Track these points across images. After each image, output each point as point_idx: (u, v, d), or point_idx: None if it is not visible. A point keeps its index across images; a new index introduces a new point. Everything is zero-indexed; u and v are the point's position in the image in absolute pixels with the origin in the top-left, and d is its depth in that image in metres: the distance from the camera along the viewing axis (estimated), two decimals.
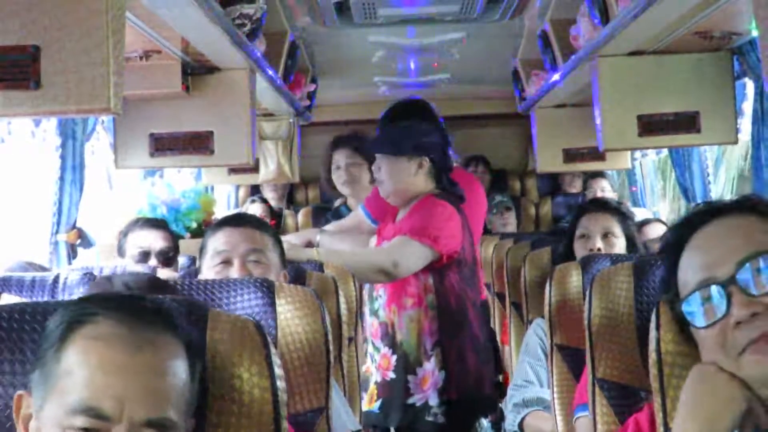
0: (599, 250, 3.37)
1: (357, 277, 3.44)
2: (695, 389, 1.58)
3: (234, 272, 2.61)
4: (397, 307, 3.72)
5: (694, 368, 1.62)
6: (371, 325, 3.82)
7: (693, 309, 1.62)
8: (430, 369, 3.66)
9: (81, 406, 1.41)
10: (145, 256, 3.70)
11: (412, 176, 3.75)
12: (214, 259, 2.66)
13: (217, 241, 2.68)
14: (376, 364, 3.77)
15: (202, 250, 2.74)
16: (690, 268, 1.65)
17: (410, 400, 3.66)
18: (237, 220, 2.76)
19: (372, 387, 3.77)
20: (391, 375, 3.71)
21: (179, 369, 1.50)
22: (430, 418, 3.64)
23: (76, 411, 1.41)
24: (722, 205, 1.68)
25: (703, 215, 1.68)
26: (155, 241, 3.75)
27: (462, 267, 3.75)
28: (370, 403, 3.74)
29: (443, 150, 3.83)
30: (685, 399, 1.60)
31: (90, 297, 1.58)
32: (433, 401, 3.65)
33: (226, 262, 2.65)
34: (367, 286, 3.88)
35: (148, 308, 1.52)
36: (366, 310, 3.91)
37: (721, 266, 1.59)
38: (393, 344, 3.71)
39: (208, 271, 2.66)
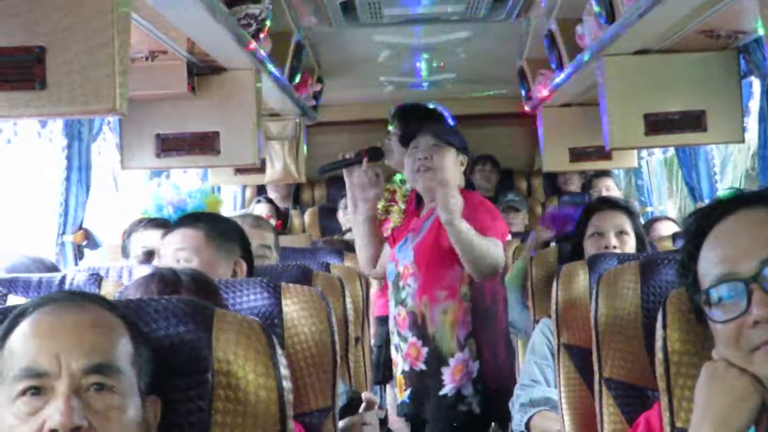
0: (614, 248, 3.37)
1: (468, 254, 3.48)
2: (707, 387, 1.57)
3: None
4: (428, 299, 3.67)
5: (705, 366, 1.61)
6: (398, 314, 3.77)
7: (711, 303, 1.59)
8: (464, 359, 3.65)
9: (20, 372, 1.44)
10: (149, 255, 3.69)
11: (457, 171, 3.80)
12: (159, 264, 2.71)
13: (167, 244, 2.74)
14: (402, 353, 3.74)
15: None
16: (711, 260, 1.61)
17: (442, 391, 3.65)
18: (174, 223, 2.81)
19: (399, 377, 3.76)
20: (422, 366, 3.68)
21: (115, 327, 1.53)
22: (464, 408, 3.63)
23: (17, 378, 1.44)
24: (748, 196, 1.64)
25: (727, 204, 1.63)
26: (159, 240, 3.73)
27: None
28: (401, 393, 3.74)
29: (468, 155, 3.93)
30: (698, 398, 1.58)
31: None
32: (467, 391, 3.64)
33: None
34: (392, 276, 3.83)
35: (76, 294, 1.57)
36: (390, 302, 3.86)
37: (744, 262, 1.55)
38: (423, 336, 3.68)
39: None
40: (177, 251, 2.67)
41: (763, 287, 1.52)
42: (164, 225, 3.80)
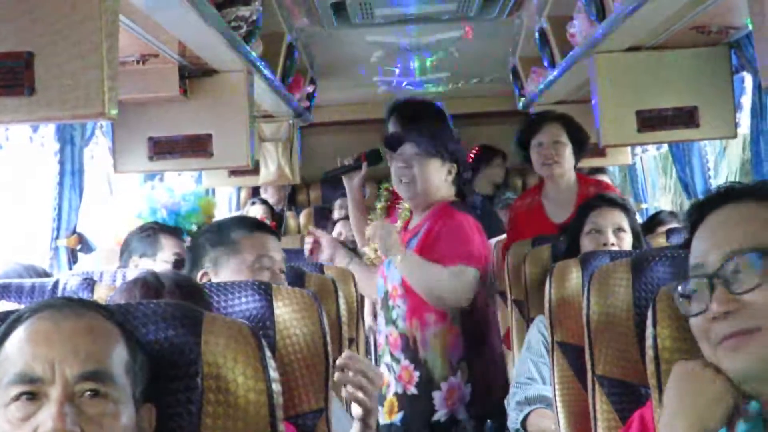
0: (612, 245, 3.37)
1: (416, 288, 3.54)
2: (682, 389, 1.57)
3: (267, 278, 2.59)
4: (419, 322, 3.61)
5: (677, 367, 1.61)
6: (389, 334, 3.70)
7: (685, 296, 1.61)
8: (456, 383, 3.59)
9: (15, 378, 1.45)
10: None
11: (443, 181, 3.72)
12: (256, 262, 2.63)
13: (257, 245, 2.67)
14: (395, 375, 3.66)
15: (224, 241, 2.69)
16: (692, 253, 1.63)
17: (435, 417, 3.59)
18: (269, 229, 2.80)
19: (391, 398, 3.67)
20: (413, 390, 3.62)
21: (111, 335, 1.53)
22: None
23: (11, 382, 1.45)
24: (739, 190, 1.64)
25: (718, 198, 1.64)
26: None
27: (485, 278, 3.70)
28: (390, 414, 3.65)
29: (465, 160, 3.84)
30: (671, 398, 1.58)
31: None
32: (462, 416, 3.59)
33: (264, 268, 2.64)
34: (381, 292, 3.78)
35: (73, 301, 1.57)
36: (380, 318, 3.81)
37: (712, 256, 1.57)
38: (415, 360, 3.62)
39: (244, 268, 2.63)
40: (282, 262, 2.70)
41: (724, 283, 1.53)
42: (172, 232, 3.79)
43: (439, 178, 3.70)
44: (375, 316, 4.55)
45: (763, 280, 1.50)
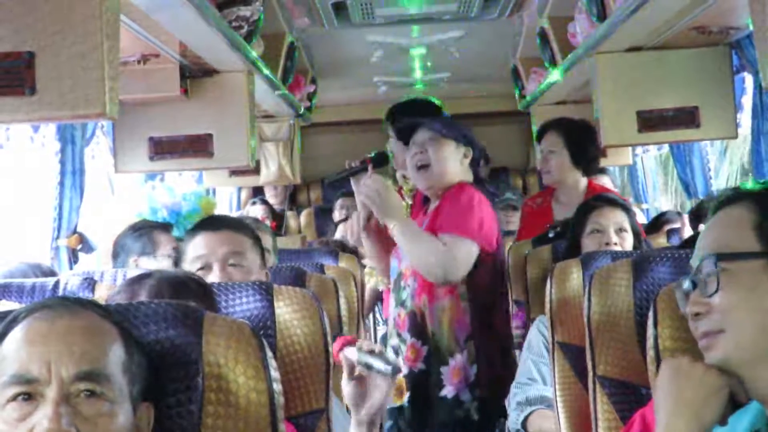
0: (615, 245, 3.37)
1: (409, 257, 3.57)
2: (676, 387, 1.59)
3: (214, 277, 2.53)
4: (428, 297, 3.64)
5: (666, 364, 1.63)
6: (398, 315, 3.74)
7: (683, 295, 1.65)
8: (462, 362, 3.60)
9: (11, 378, 1.45)
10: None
11: (458, 164, 3.73)
12: (193, 264, 2.59)
13: (195, 246, 2.62)
14: (402, 356, 3.68)
15: (181, 256, 2.67)
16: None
17: (441, 393, 3.60)
18: (214, 224, 2.70)
19: (399, 380, 3.58)
20: (421, 366, 3.64)
21: (107, 334, 1.53)
22: (461, 413, 3.59)
23: (7, 383, 1.45)
24: (740, 194, 1.66)
25: (718, 202, 1.67)
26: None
27: (494, 259, 3.71)
28: (399, 397, 3.67)
29: (478, 144, 3.87)
30: (665, 398, 1.59)
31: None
32: (465, 396, 3.59)
33: (206, 267, 2.58)
34: (394, 273, 3.81)
35: (70, 300, 1.57)
36: (391, 301, 3.84)
37: (694, 260, 1.63)
38: (423, 335, 3.64)
39: None
40: (229, 255, 2.58)
41: (697, 285, 1.60)
42: (157, 226, 3.78)
43: (455, 160, 3.72)
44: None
45: (724, 283, 1.55)
